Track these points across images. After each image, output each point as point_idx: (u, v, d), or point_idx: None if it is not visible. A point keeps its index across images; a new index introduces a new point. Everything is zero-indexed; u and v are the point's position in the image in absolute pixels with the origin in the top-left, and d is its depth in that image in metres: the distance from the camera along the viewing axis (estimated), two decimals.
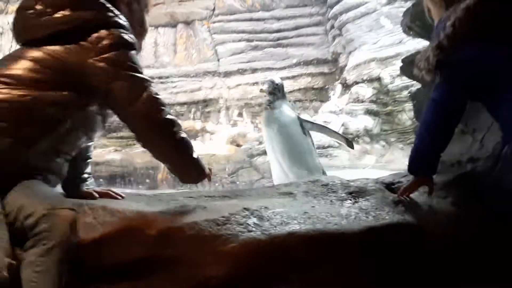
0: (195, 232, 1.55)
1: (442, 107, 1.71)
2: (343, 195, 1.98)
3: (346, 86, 9.39)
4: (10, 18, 10.42)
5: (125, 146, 9.65)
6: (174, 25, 11.71)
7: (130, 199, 1.87)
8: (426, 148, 1.81)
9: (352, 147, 4.75)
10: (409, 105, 7.35)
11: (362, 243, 1.66)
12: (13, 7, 10.43)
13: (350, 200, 1.94)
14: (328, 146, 7.64)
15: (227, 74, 11.06)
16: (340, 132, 7.93)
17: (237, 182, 6.93)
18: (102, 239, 1.51)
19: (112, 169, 7.93)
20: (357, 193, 1.97)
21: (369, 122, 8.15)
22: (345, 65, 9.77)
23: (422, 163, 1.84)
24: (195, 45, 11.48)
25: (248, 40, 11.22)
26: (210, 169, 1.78)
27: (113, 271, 1.51)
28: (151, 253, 1.54)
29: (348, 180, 2.14)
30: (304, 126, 3.88)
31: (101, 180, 7.38)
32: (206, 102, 10.77)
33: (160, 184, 7.48)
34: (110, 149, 9.41)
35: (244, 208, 1.69)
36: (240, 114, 10.27)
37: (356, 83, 8.90)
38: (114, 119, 1.70)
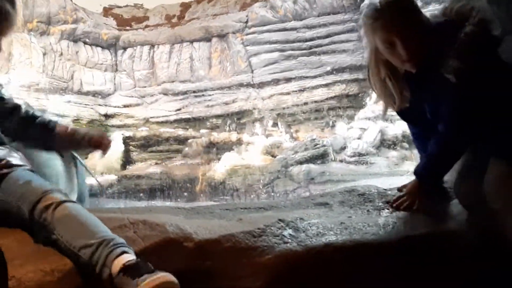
0: (232, 244, 1.57)
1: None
2: (380, 204, 1.96)
3: None
4: (52, 39, 10.87)
5: (164, 159, 9.86)
6: (208, 39, 11.91)
7: (170, 213, 1.92)
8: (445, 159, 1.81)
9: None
10: None
11: (400, 253, 1.64)
12: (54, 28, 10.89)
13: (388, 209, 1.91)
14: (366, 154, 7.54)
15: (261, 85, 11.12)
16: (378, 138, 7.83)
17: (272, 193, 6.93)
18: (143, 253, 1.55)
19: (153, 182, 8.10)
20: None
21: (407, 128, 7.99)
22: None
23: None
24: (229, 58, 11.63)
25: (281, 50, 11.26)
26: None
27: None
28: (190, 265, 1.57)
29: (385, 189, 2.11)
30: None
31: (141, 194, 7.56)
32: (241, 114, 10.87)
33: (198, 197, 7.58)
34: (150, 163, 9.63)
35: (280, 220, 1.70)
36: (275, 124, 10.29)
37: None
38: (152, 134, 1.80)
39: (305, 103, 10.56)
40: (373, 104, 9.25)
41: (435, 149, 1.80)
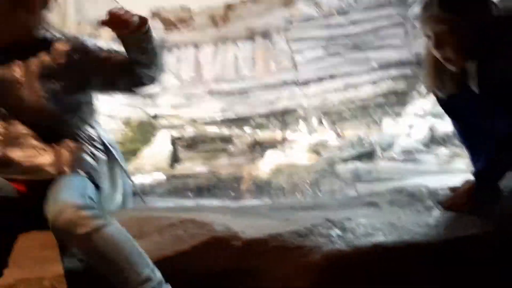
0: (279, 244, 1.58)
1: None
2: (430, 204, 1.91)
3: None
4: (102, 42, 11.26)
5: (210, 159, 10.01)
6: (252, 38, 11.97)
7: (217, 212, 1.95)
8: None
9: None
10: None
11: (452, 254, 1.59)
12: (104, 32, 11.28)
13: (439, 209, 1.86)
14: (415, 151, 7.35)
15: (306, 82, 11.06)
16: (427, 135, 7.60)
17: (318, 192, 6.89)
18: (191, 251, 1.58)
19: (200, 181, 8.25)
20: None
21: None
22: None
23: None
24: (273, 56, 11.64)
25: (325, 47, 11.15)
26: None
27: (202, 281, 1.58)
28: (237, 264, 1.59)
29: (435, 188, 2.05)
30: None
31: (189, 193, 7.72)
32: (285, 112, 10.86)
33: (243, 195, 7.64)
34: (197, 162, 9.80)
35: (327, 219, 1.69)
36: (320, 122, 10.21)
37: None
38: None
39: (351, 101, 10.41)
40: (422, 100, 9.00)
41: (503, 149, 1.71)
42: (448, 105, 1.90)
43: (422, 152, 7.39)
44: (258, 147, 9.58)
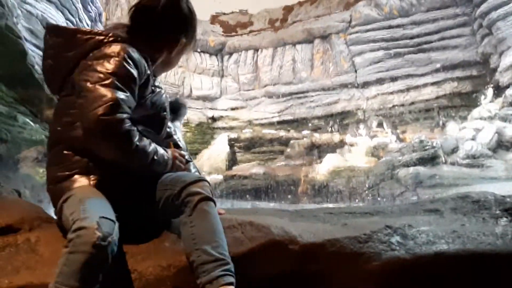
0: (337, 249, 1.57)
1: None
2: (497, 212, 1.83)
3: (499, 89, 8.56)
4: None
5: (267, 160, 10.06)
6: (311, 41, 11.92)
7: (274, 215, 1.96)
8: None
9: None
10: None
11: None
12: None
13: (506, 218, 1.78)
14: (481, 156, 7.01)
15: (365, 84, 10.87)
16: (494, 140, 7.23)
17: (378, 198, 6.71)
18: (250, 253, 1.60)
19: (257, 183, 8.30)
20: None
21: None
22: (497, 66, 8.91)
23: None
24: (332, 59, 11.53)
25: (386, 48, 10.91)
26: None
27: (260, 283, 1.60)
28: (295, 267, 1.60)
29: (503, 196, 1.96)
30: None
31: (248, 196, 7.79)
32: (343, 114, 10.72)
33: (300, 198, 7.61)
34: (254, 163, 9.88)
35: (387, 226, 1.66)
36: (379, 125, 9.98)
37: (511, 85, 8.06)
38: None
39: (413, 103, 10.11)
40: (489, 103, 8.58)
41: None
42: None
43: (489, 157, 7.02)
44: (315, 150, 9.50)
